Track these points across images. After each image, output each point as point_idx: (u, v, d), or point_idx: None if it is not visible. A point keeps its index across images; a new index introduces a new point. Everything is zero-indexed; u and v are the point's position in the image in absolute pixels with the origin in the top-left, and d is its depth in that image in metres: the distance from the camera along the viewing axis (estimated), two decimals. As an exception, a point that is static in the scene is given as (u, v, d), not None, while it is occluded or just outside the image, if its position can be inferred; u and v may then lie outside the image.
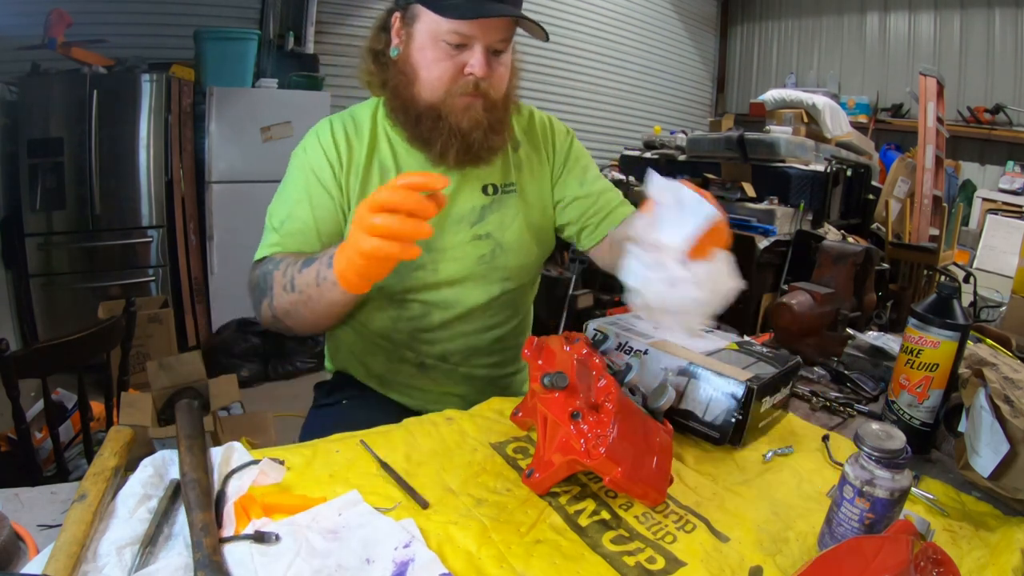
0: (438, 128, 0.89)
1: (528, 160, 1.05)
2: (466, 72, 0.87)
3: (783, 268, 3.28)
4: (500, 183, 1.00)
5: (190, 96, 2.97)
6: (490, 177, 0.99)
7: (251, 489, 0.61)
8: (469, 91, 0.87)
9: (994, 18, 4.55)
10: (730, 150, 3.78)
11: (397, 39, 0.91)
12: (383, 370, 1.03)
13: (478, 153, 0.92)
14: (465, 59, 0.86)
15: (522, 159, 1.04)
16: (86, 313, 2.65)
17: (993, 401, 0.72)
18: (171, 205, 2.98)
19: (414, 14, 0.87)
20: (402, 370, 1.02)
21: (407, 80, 0.90)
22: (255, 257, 0.91)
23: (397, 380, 1.03)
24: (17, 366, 1.18)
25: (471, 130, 0.89)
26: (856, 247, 1.26)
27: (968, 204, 4.67)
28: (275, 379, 2.94)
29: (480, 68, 0.86)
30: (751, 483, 0.74)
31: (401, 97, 0.91)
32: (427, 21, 0.85)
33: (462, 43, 0.85)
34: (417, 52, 0.88)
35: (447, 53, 0.86)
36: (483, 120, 0.90)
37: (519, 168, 1.03)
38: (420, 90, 0.89)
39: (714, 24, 6.26)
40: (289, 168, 0.97)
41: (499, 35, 0.87)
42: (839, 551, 0.53)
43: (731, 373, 0.80)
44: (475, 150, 0.91)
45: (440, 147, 0.90)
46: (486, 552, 0.57)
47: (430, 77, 0.88)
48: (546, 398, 0.65)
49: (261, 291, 0.85)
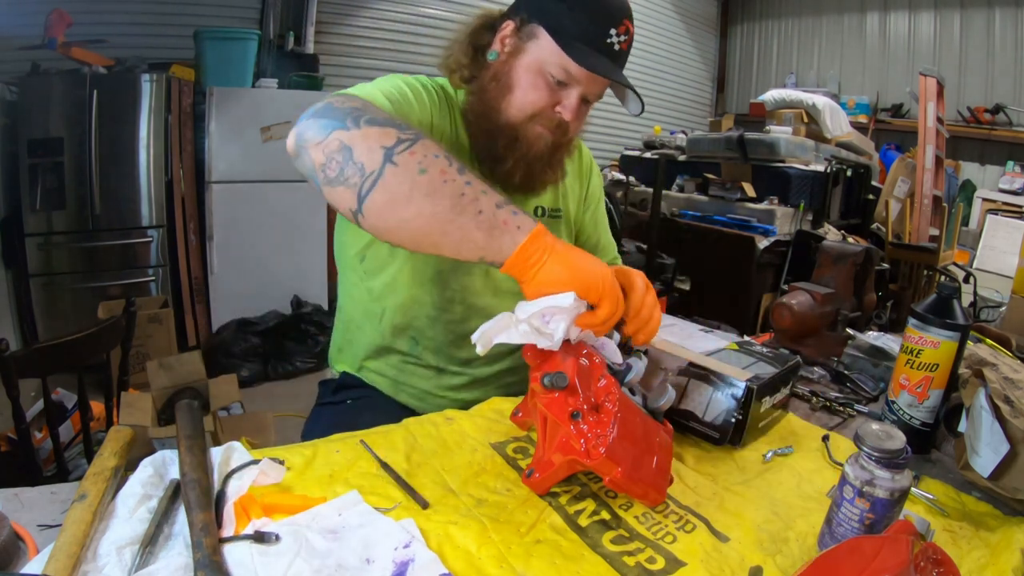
0: (512, 150, 0.89)
1: (571, 190, 1.08)
2: (556, 110, 0.87)
3: (783, 268, 3.28)
4: (549, 207, 1.03)
5: (190, 96, 2.97)
6: (541, 200, 1.01)
7: (251, 489, 0.61)
8: (551, 126, 0.88)
9: (994, 18, 4.56)
10: (730, 150, 3.78)
11: (501, 45, 0.90)
12: (395, 372, 1.02)
13: (534, 185, 0.94)
14: (560, 97, 0.86)
15: (567, 188, 1.07)
16: (86, 313, 2.65)
17: (993, 401, 0.72)
18: (171, 205, 2.99)
19: (533, 32, 0.86)
20: (417, 373, 1.01)
21: (499, 90, 0.88)
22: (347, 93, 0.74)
23: (409, 384, 1.02)
24: (17, 366, 1.18)
25: (536, 161, 0.90)
26: (856, 247, 1.26)
27: (968, 204, 4.67)
28: (275, 379, 2.94)
29: (571, 113, 0.87)
30: (751, 483, 0.74)
31: (486, 104, 0.89)
32: (545, 47, 0.84)
33: (564, 81, 0.85)
34: (520, 69, 0.87)
35: (547, 84, 0.85)
36: (547, 155, 0.90)
37: (565, 196, 1.06)
38: (508, 105, 0.88)
39: (714, 24, 6.26)
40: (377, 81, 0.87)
41: (599, 90, 0.88)
42: (839, 551, 0.53)
43: (731, 373, 0.80)
44: (534, 181, 0.93)
45: (509, 168, 0.90)
46: (486, 552, 0.57)
47: (524, 99, 0.87)
48: (546, 398, 0.65)
49: (392, 122, 0.63)
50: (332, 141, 0.60)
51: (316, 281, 3.26)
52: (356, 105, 0.65)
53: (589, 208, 1.14)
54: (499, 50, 0.90)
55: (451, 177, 0.59)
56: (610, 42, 0.84)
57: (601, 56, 0.83)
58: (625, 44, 0.87)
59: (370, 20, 3.90)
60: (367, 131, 0.60)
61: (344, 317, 1.06)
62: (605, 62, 0.83)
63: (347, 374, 1.06)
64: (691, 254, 3.32)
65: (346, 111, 0.62)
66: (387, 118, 0.63)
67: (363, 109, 0.64)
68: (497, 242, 0.59)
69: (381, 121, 0.62)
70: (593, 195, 1.14)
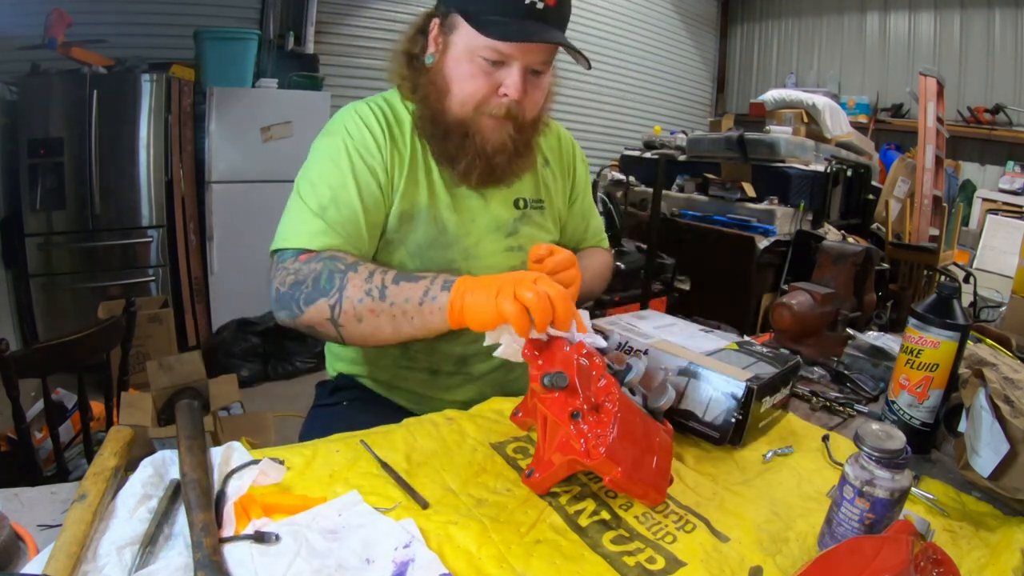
0: (464, 147, 0.88)
1: (554, 179, 1.06)
2: (500, 92, 0.84)
3: (783, 268, 3.28)
4: (530, 198, 1.01)
5: (190, 96, 2.97)
6: (521, 191, 1.00)
7: (251, 489, 0.61)
8: (500, 114, 0.85)
9: (994, 18, 4.56)
10: (730, 150, 3.78)
11: (434, 46, 0.88)
12: (390, 376, 1.02)
13: (500, 177, 0.92)
14: (501, 78, 0.83)
15: (548, 177, 1.05)
16: (86, 313, 2.65)
17: (993, 401, 0.72)
18: (171, 205, 2.98)
19: (453, 23, 0.84)
20: (410, 377, 1.01)
21: (438, 92, 0.87)
22: (288, 244, 0.82)
23: (403, 387, 1.02)
24: (17, 366, 1.18)
25: (495, 153, 0.88)
26: (856, 247, 1.26)
27: (968, 204, 4.67)
28: (275, 379, 2.94)
29: (515, 90, 0.83)
30: (751, 483, 0.74)
31: (431, 108, 0.88)
32: (465, 33, 0.82)
33: (499, 60, 0.82)
34: (452, 64, 0.85)
35: (483, 69, 0.83)
36: (509, 144, 0.88)
37: (547, 186, 1.04)
38: (451, 104, 0.86)
39: (714, 24, 6.26)
40: (321, 146, 0.89)
41: (540, 57, 0.84)
42: (839, 551, 0.53)
43: (731, 373, 0.80)
44: (498, 173, 0.91)
45: (464, 167, 0.89)
46: (486, 552, 0.57)
47: (462, 92, 0.85)
48: (546, 398, 0.65)
49: (320, 289, 0.75)
50: (299, 325, 0.78)
51: (316, 281, 3.25)
52: (292, 281, 0.78)
53: (576, 199, 1.12)
54: (433, 51, 0.88)
55: (380, 309, 0.73)
56: (530, 2, 0.79)
57: (525, 21, 0.79)
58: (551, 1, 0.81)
59: (370, 20, 3.90)
60: (309, 313, 0.76)
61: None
62: (530, 26, 0.79)
63: (343, 375, 1.06)
64: (691, 254, 3.32)
65: (288, 297, 0.77)
66: (312, 287, 0.76)
67: (298, 284, 0.77)
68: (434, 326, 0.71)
69: (312, 296, 0.75)
70: (579, 186, 1.12)
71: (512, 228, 0.98)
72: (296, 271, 0.79)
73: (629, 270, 2.94)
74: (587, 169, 1.15)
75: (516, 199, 0.99)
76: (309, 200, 0.84)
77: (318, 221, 0.82)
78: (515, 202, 0.99)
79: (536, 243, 0.96)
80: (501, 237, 0.97)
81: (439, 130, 0.88)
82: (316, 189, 0.85)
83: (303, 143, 3.35)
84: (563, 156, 1.08)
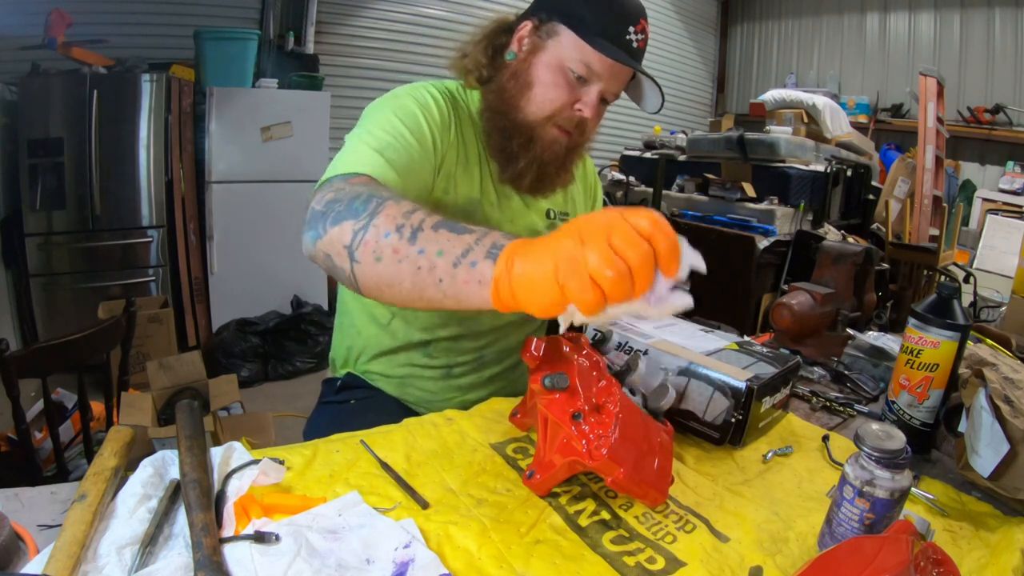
0: (526, 150, 0.89)
1: (579, 197, 1.10)
2: (576, 108, 0.87)
3: (783, 268, 3.28)
4: (559, 210, 1.04)
5: (190, 96, 2.97)
6: (553, 202, 1.03)
7: (251, 489, 0.61)
8: (570, 127, 0.88)
9: (994, 18, 4.55)
10: (730, 150, 3.78)
11: (518, 45, 0.90)
12: (404, 372, 1.01)
13: (548, 186, 0.95)
14: (580, 94, 0.87)
15: (575, 195, 1.09)
16: (86, 313, 2.65)
17: (993, 401, 0.72)
18: (171, 205, 2.99)
19: (552, 30, 0.87)
20: (425, 375, 1.00)
21: (517, 88, 0.88)
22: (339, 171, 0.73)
23: (415, 386, 1.02)
24: (17, 366, 1.18)
25: (550, 163, 0.91)
26: (856, 247, 1.26)
27: (968, 204, 4.66)
28: (275, 379, 2.94)
29: (591, 109, 0.87)
30: (751, 483, 0.74)
31: (504, 102, 0.90)
32: (564, 44, 0.85)
33: (585, 78, 0.85)
34: (540, 67, 0.87)
35: (568, 81, 0.86)
36: (562, 157, 0.91)
37: (574, 202, 1.08)
38: (526, 104, 0.88)
39: (714, 24, 6.26)
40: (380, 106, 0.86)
41: (618, 86, 0.88)
42: (839, 551, 0.53)
43: (731, 373, 0.80)
44: (546, 183, 0.94)
45: (521, 169, 0.91)
46: (486, 552, 0.57)
47: (543, 96, 0.87)
48: (547, 399, 0.65)
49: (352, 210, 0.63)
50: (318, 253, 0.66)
51: (316, 281, 3.26)
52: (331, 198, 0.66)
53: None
54: (517, 50, 0.90)
55: (404, 254, 0.58)
56: (628, 39, 0.85)
57: (620, 51, 0.84)
58: (642, 43, 0.87)
59: (370, 20, 3.90)
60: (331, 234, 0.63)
61: (348, 321, 1.05)
62: (625, 57, 0.84)
63: (351, 375, 1.05)
64: (691, 254, 3.31)
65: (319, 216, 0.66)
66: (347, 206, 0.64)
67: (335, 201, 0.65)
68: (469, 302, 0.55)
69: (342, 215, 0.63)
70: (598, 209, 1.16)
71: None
72: (339, 189, 0.69)
73: (629, 270, 2.93)
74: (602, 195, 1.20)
75: (548, 209, 1.03)
76: (367, 139, 0.78)
77: (376, 156, 0.76)
78: (547, 212, 1.02)
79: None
80: None
81: (505, 126, 0.90)
82: (374, 134, 0.79)
83: (303, 143, 3.35)
84: (588, 178, 1.13)
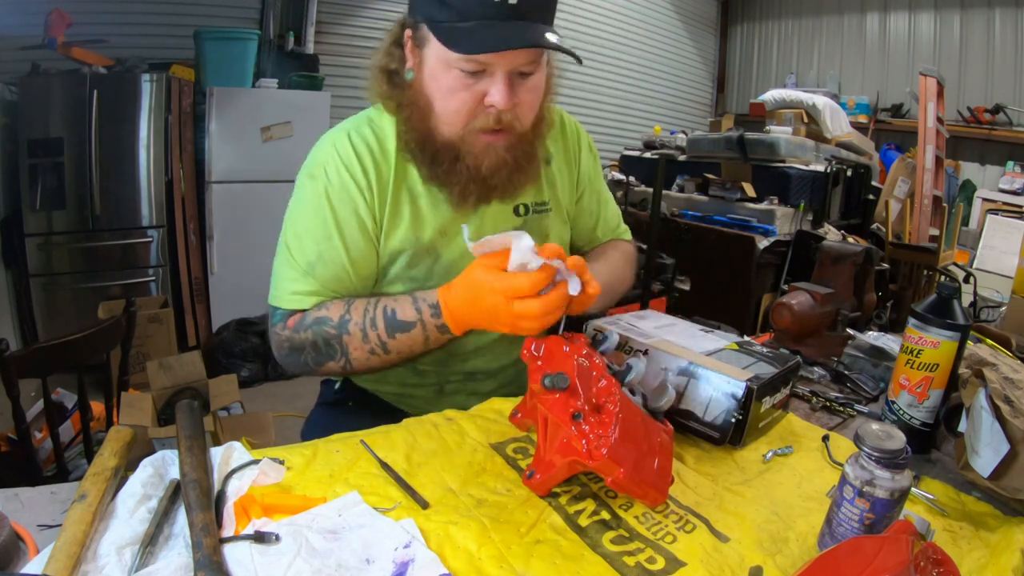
0: (456, 171, 0.80)
1: (560, 174, 0.97)
2: (486, 104, 0.76)
3: (783, 268, 3.28)
4: (532, 202, 0.93)
5: (190, 96, 2.97)
6: (522, 197, 0.91)
7: (251, 489, 0.61)
8: (491, 126, 0.77)
9: (994, 18, 4.55)
10: (730, 150, 3.78)
11: (411, 59, 0.80)
12: (397, 390, 1.00)
13: (502, 195, 0.85)
14: (485, 87, 0.75)
15: (555, 173, 0.96)
16: (86, 313, 2.65)
17: (993, 401, 0.72)
18: (171, 205, 2.99)
19: (423, 36, 0.76)
20: (417, 393, 0.99)
21: (421, 112, 0.80)
22: (284, 305, 0.82)
23: (409, 401, 1.00)
24: (17, 366, 1.18)
25: (493, 173, 0.80)
26: (856, 247, 1.26)
27: (968, 204, 4.67)
28: (275, 379, 2.94)
29: (503, 99, 0.74)
30: (751, 483, 0.74)
31: (416, 130, 0.81)
32: (437, 46, 0.74)
33: (479, 70, 0.74)
34: (430, 80, 0.77)
35: (463, 82, 0.74)
36: (507, 159, 0.80)
37: (552, 184, 0.96)
38: (437, 123, 0.79)
39: (714, 24, 6.26)
40: (304, 190, 0.85)
41: (523, 58, 0.74)
42: (839, 551, 0.53)
43: (731, 373, 0.80)
44: (498, 192, 0.84)
45: (459, 192, 0.82)
46: (486, 552, 0.57)
47: (446, 109, 0.77)
48: (547, 399, 0.65)
49: (324, 355, 0.80)
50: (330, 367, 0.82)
51: (316, 281, 3.25)
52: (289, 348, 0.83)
53: (582, 193, 1.03)
54: (412, 66, 0.80)
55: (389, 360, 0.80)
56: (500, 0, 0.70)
57: (498, 22, 0.70)
58: None
59: (370, 20, 3.90)
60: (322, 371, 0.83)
61: None
62: (503, 28, 0.70)
63: (349, 380, 1.05)
64: (691, 254, 3.31)
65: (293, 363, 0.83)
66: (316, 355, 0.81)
67: (298, 351, 0.82)
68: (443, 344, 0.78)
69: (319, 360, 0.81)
70: (585, 177, 1.02)
71: None
72: (289, 339, 0.82)
73: (629, 270, 2.94)
74: (595, 158, 1.04)
75: (516, 206, 0.92)
76: (297, 255, 0.83)
77: (307, 280, 0.82)
78: (515, 209, 0.92)
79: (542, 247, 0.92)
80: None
81: (427, 153, 0.81)
82: (302, 243, 0.83)
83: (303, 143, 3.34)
84: (568, 147, 0.99)
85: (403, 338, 0.76)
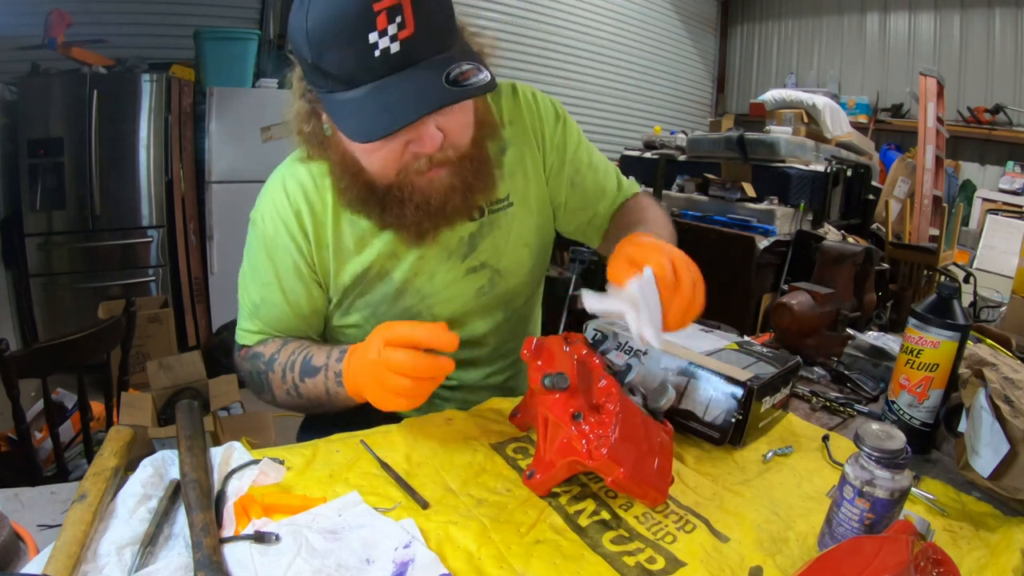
0: (404, 213, 0.75)
1: (520, 159, 0.88)
2: (413, 152, 0.70)
3: (783, 268, 3.28)
4: (488, 203, 0.85)
5: (190, 96, 2.97)
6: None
7: (251, 489, 0.61)
8: (425, 168, 0.71)
9: (994, 18, 4.55)
10: (730, 150, 3.78)
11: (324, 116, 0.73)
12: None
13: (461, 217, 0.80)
14: (407, 136, 0.68)
15: (513, 162, 0.87)
16: (86, 313, 2.65)
17: (993, 401, 0.72)
18: (171, 205, 2.99)
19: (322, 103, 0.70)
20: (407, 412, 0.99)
21: (351, 167, 0.74)
22: (238, 339, 0.89)
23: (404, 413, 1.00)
24: (17, 366, 1.18)
25: (444, 203, 0.74)
26: (856, 247, 1.26)
27: (968, 204, 4.67)
28: (275, 379, 2.94)
29: (431, 144, 0.68)
30: (751, 483, 0.74)
31: (352, 187, 0.75)
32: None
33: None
34: (346, 140, 0.71)
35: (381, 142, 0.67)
36: (455, 184, 0.74)
37: (512, 175, 0.87)
38: (369, 178, 0.74)
39: (714, 24, 6.26)
40: (250, 233, 0.85)
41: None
42: (839, 551, 0.53)
43: (731, 373, 0.80)
44: (458, 216, 0.78)
45: (415, 232, 0.77)
46: (486, 552, 0.57)
47: (372, 166, 0.72)
48: (547, 399, 0.65)
49: (258, 386, 0.85)
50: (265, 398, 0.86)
51: (316, 281, 3.26)
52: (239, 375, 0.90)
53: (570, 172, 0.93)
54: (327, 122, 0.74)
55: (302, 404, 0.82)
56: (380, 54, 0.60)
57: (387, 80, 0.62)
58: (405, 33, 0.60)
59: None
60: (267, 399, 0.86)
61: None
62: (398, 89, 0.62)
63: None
64: (691, 254, 3.29)
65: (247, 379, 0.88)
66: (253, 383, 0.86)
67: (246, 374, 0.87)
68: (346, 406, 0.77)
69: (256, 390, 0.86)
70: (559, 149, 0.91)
71: (468, 246, 0.86)
72: (239, 367, 0.89)
73: (629, 270, 2.93)
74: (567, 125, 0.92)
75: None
76: (244, 296, 0.88)
77: (253, 320, 0.87)
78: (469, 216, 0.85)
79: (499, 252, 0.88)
80: (457, 262, 0.86)
81: (373, 204, 0.76)
82: (248, 285, 0.87)
83: (303, 143, 3.34)
84: (527, 124, 0.89)
85: (310, 383, 0.77)
